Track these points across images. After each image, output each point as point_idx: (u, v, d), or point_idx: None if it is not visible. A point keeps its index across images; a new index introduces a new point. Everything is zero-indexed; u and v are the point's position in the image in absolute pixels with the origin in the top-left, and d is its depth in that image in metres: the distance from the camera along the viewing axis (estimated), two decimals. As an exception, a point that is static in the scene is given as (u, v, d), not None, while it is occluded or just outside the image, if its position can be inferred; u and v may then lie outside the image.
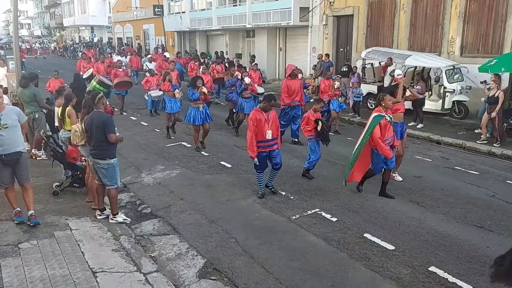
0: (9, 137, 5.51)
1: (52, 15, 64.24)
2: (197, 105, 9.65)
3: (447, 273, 4.92)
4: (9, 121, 5.52)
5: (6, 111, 5.58)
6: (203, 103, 9.71)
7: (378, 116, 6.76)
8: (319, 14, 18.76)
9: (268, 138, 6.77)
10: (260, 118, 6.69)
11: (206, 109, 9.84)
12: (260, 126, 6.67)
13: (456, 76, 12.82)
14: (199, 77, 10.08)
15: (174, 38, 32.13)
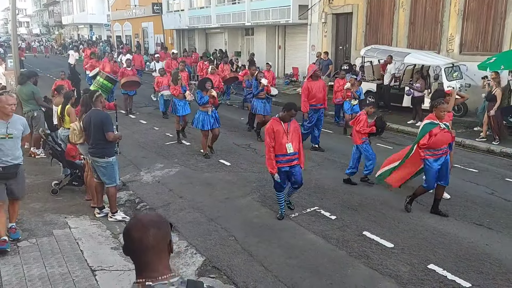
0: (11, 148, 5.09)
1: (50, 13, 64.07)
2: (206, 109, 9.02)
3: (446, 271, 4.93)
4: (15, 131, 5.14)
5: (13, 119, 5.17)
6: (212, 106, 9.14)
7: (429, 124, 6.06)
8: (318, 12, 18.73)
9: (289, 152, 5.94)
10: (278, 130, 5.90)
11: (215, 113, 9.27)
12: (278, 138, 5.89)
13: (455, 73, 12.81)
14: (208, 79, 9.47)
15: (173, 36, 32.06)
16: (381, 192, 7.37)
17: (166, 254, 1.79)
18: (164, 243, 1.77)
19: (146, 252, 1.73)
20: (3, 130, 5.01)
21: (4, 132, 5.00)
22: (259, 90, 10.59)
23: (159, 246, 1.74)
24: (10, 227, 5.41)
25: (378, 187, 7.57)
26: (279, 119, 5.97)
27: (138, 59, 21.39)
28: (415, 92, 11.89)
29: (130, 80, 13.75)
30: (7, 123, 5.05)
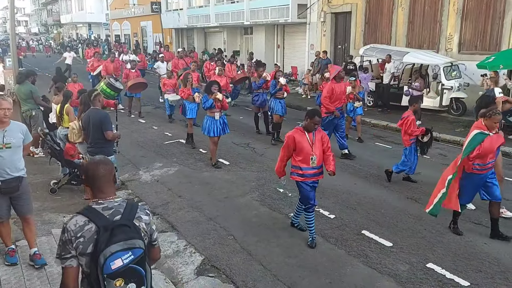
0: (9, 160, 4.49)
1: (49, 12, 63.98)
2: (213, 114, 8.42)
3: (444, 270, 4.93)
4: (14, 139, 4.51)
5: (11, 127, 4.53)
6: (220, 111, 8.48)
7: (480, 134, 5.40)
8: (317, 11, 18.73)
9: (312, 166, 5.34)
10: (301, 140, 5.30)
11: (224, 118, 8.62)
12: (300, 149, 5.31)
13: (454, 73, 12.84)
14: (215, 81, 8.73)
15: (172, 35, 32.04)
16: (380, 191, 7.38)
17: (112, 183, 2.56)
18: (110, 175, 2.54)
19: (99, 180, 2.50)
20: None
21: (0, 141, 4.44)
22: (277, 89, 10.21)
23: (106, 176, 2.51)
24: (34, 253, 4.80)
25: (377, 187, 7.59)
26: (302, 129, 5.35)
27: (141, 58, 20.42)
28: (414, 91, 11.90)
29: (137, 82, 13.23)
30: (3, 131, 4.44)
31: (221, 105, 8.45)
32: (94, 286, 2.35)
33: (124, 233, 2.35)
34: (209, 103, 8.30)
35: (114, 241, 2.31)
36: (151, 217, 2.65)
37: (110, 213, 2.41)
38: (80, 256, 2.35)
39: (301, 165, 5.35)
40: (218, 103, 8.33)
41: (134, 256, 2.36)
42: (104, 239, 2.30)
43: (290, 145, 5.33)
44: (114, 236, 2.32)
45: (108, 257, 2.29)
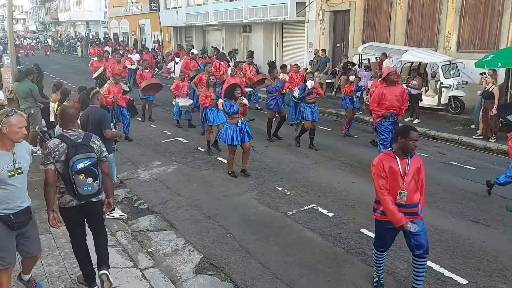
0: (21, 188, 3.79)
1: (47, 10, 63.79)
2: (235, 120, 7.70)
3: (443, 268, 4.95)
4: (23, 162, 3.82)
5: (19, 148, 3.78)
6: (241, 117, 7.80)
7: None
8: (316, 9, 18.72)
9: (400, 202, 4.16)
10: (392, 168, 4.15)
11: (245, 124, 7.90)
12: (391, 180, 4.15)
13: (452, 71, 12.85)
14: (237, 85, 8.05)
15: (170, 33, 32.00)
16: (379, 189, 7.38)
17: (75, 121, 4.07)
18: (76, 117, 4.17)
19: (69, 120, 4.07)
20: (10, 164, 3.66)
21: (11, 167, 3.66)
22: (305, 93, 9.49)
23: (74, 118, 4.12)
24: (28, 280, 4.29)
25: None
26: (393, 154, 4.21)
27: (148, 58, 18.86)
28: (412, 90, 11.90)
29: (151, 83, 12.31)
30: (12, 153, 3.70)
31: (243, 111, 7.78)
32: (66, 180, 3.95)
33: (84, 149, 3.95)
34: (236, 109, 7.58)
35: (78, 153, 3.90)
36: (100, 144, 4.18)
37: (75, 138, 3.99)
38: (56, 162, 3.89)
39: None
40: (242, 108, 7.69)
41: (91, 162, 3.97)
42: (72, 152, 3.88)
43: (382, 174, 4.16)
44: (78, 150, 3.91)
45: (75, 161, 3.86)
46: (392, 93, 7.74)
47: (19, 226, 3.81)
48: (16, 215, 3.75)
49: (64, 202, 4.06)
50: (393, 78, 7.79)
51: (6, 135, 3.59)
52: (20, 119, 3.65)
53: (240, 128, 7.75)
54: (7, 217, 3.69)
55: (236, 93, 7.63)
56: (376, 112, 7.93)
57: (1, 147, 3.62)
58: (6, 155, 3.63)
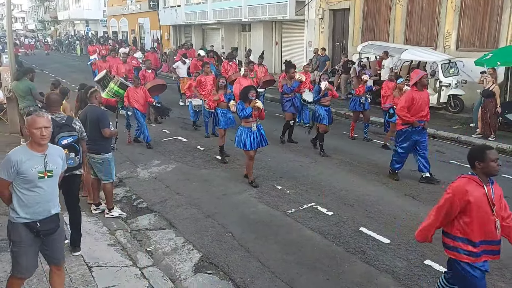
0: (49, 192, 3.64)
1: (46, 9, 63.68)
2: (249, 124, 7.34)
3: (442, 266, 4.94)
4: (55, 166, 3.65)
5: (51, 151, 3.67)
6: (256, 121, 7.40)
7: None
8: (315, 7, 18.71)
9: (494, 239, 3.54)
10: (478, 198, 3.47)
11: (261, 128, 7.51)
12: (475, 211, 3.45)
13: (451, 70, 12.85)
14: (253, 87, 7.66)
15: (169, 32, 31.97)
16: (378, 188, 7.39)
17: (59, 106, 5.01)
18: (59, 103, 5.05)
19: (53, 104, 4.90)
20: (40, 165, 3.54)
21: (41, 168, 3.54)
22: (320, 96, 9.05)
23: (56, 103, 4.94)
24: None
25: (375, 184, 7.60)
26: (478, 179, 3.53)
27: (153, 58, 18.45)
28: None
29: (156, 85, 11.83)
30: (44, 155, 3.57)
31: (258, 114, 7.36)
32: None
33: (67, 128, 4.76)
34: (248, 112, 7.20)
35: (62, 131, 4.70)
36: (81, 125, 5.01)
37: (59, 119, 4.75)
38: None
39: (474, 236, 3.49)
40: (256, 111, 7.28)
41: (73, 139, 4.76)
42: (57, 130, 4.54)
43: (456, 205, 3.48)
44: (62, 129, 4.70)
45: (60, 138, 4.63)
46: (421, 98, 7.31)
47: (45, 234, 3.65)
48: (43, 222, 3.60)
49: None
50: (425, 82, 7.36)
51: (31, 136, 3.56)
52: (37, 119, 3.49)
53: (255, 132, 7.36)
54: (33, 224, 3.56)
55: (250, 96, 7.22)
56: (407, 118, 7.29)
57: (32, 148, 3.55)
58: (37, 156, 3.53)
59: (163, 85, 12.28)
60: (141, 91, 9.86)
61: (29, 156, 3.51)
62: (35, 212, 3.56)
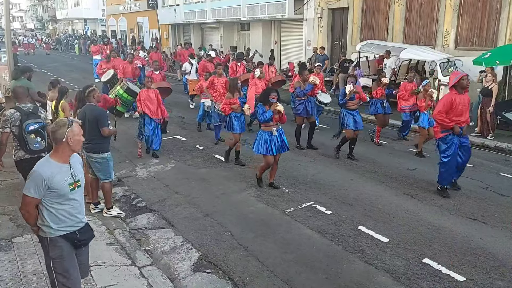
0: (81, 202, 3.53)
1: (45, 8, 63.54)
2: (269, 128, 6.96)
3: (440, 265, 4.96)
4: (80, 175, 3.50)
5: (73, 160, 3.47)
6: (277, 125, 7.04)
7: None
8: (314, 6, 18.70)
9: None
10: None
11: (282, 133, 7.13)
12: None
13: (450, 69, 12.83)
14: (273, 89, 7.28)
15: (168, 31, 31.94)
16: (377, 187, 7.40)
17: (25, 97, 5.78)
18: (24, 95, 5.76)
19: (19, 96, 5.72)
20: (69, 177, 3.36)
21: (71, 180, 3.36)
22: (346, 99, 8.57)
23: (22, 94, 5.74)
24: None
25: (373, 182, 7.60)
26: None
27: (157, 58, 17.53)
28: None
29: (161, 87, 10.94)
30: (70, 165, 3.39)
31: (280, 118, 7.01)
32: (21, 140, 5.44)
33: (33, 116, 5.47)
34: (268, 116, 6.85)
35: (29, 119, 5.41)
36: (46, 114, 5.79)
37: (26, 108, 5.48)
38: (12, 127, 5.37)
39: None
40: (277, 115, 6.92)
41: (39, 125, 5.48)
42: (24, 118, 5.38)
43: None
44: (29, 117, 5.42)
45: (27, 124, 5.37)
46: (461, 102, 6.71)
47: (84, 243, 3.57)
48: (80, 232, 3.47)
49: (19, 156, 5.53)
50: (465, 83, 6.74)
51: (70, 146, 3.32)
52: (78, 127, 3.39)
53: (276, 137, 7.00)
54: (72, 234, 3.41)
55: (271, 98, 6.86)
56: (445, 123, 6.69)
57: (59, 159, 3.32)
58: (65, 167, 3.33)
59: (169, 88, 11.50)
60: (153, 95, 8.83)
61: (58, 169, 3.28)
62: (70, 226, 3.41)
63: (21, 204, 3.27)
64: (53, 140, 3.31)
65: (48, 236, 3.34)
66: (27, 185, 3.23)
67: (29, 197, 3.20)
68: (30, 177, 3.23)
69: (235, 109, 8.32)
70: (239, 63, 13.96)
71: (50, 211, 3.30)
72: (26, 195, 3.21)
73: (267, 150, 6.99)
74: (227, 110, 8.37)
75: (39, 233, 3.40)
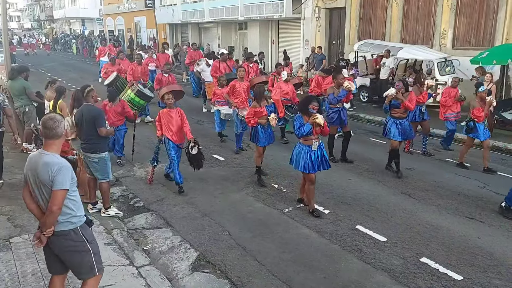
0: None
1: (42, 8, 63.40)
2: (309, 142, 6.04)
3: (438, 264, 4.97)
4: None
5: None
6: (318, 138, 6.14)
7: None
8: (312, 6, 18.71)
9: None
10: None
11: (322, 148, 6.23)
12: None
13: (447, 68, 12.88)
14: (314, 97, 6.30)
15: (166, 31, 31.90)
16: (374, 186, 7.41)
17: None
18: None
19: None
20: None
21: None
22: (386, 104, 7.86)
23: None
24: None
25: (371, 182, 7.61)
26: None
27: (165, 59, 16.09)
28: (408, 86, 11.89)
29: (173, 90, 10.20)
30: None
31: (321, 130, 6.02)
32: None
33: None
34: (306, 130, 5.91)
35: None
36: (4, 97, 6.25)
37: None
38: None
39: None
40: (317, 127, 5.96)
41: None
42: None
43: None
44: None
45: None
46: None
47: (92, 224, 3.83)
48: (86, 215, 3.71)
49: None
50: None
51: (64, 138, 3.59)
52: None
53: (316, 152, 6.09)
54: (86, 217, 3.65)
55: (311, 108, 5.88)
56: None
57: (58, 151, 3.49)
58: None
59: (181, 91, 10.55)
60: (176, 115, 7.27)
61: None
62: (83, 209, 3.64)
63: (56, 201, 3.28)
64: (53, 136, 3.36)
65: (78, 224, 3.51)
66: (60, 180, 3.27)
67: (65, 190, 3.33)
68: (60, 172, 3.28)
69: (262, 123, 7.31)
70: (251, 64, 12.62)
71: (73, 199, 3.47)
72: (63, 189, 3.30)
73: (307, 167, 6.08)
74: (253, 123, 7.36)
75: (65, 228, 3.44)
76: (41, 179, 3.29)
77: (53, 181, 3.25)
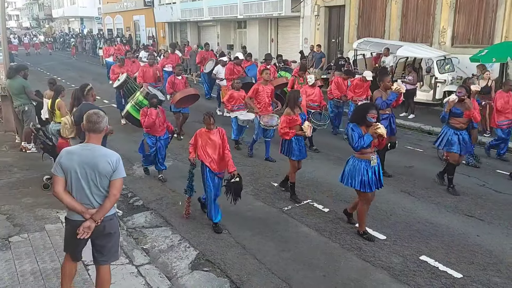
0: None
1: (41, 6, 63.32)
2: (366, 156, 5.31)
3: (437, 262, 4.98)
4: None
5: None
6: (374, 152, 5.42)
7: None
8: (311, 4, 18.69)
9: None
10: None
11: (379, 162, 5.50)
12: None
13: (447, 66, 12.88)
14: (371, 104, 5.68)
15: (165, 29, 31.86)
16: (374, 184, 7.40)
17: None
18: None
19: None
20: None
21: None
22: (445, 112, 6.96)
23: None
24: None
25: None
26: None
27: (175, 59, 15.40)
28: (407, 85, 11.91)
29: (187, 95, 9.85)
30: None
31: (378, 143, 5.36)
32: None
33: None
34: (367, 142, 5.19)
35: None
36: None
37: None
38: None
39: None
40: (377, 139, 5.29)
41: None
42: None
43: None
44: None
45: None
46: None
47: None
48: None
49: None
50: None
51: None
52: None
53: (374, 167, 5.35)
54: None
55: (370, 117, 5.15)
56: None
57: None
58: None
59: (196, 95, 10.25)
60: (217, 137, 5.90)
61: None
62: None
63: (120, 188, 3.62)
64: (96, 129, 3.57)
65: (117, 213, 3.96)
66: (121, 168, 3.60)
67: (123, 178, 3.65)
68: (120, 161, 3.59)
69: (301, 134, 6.54)
70: (268, 65, 11.62)
71: None
72: (123, 177, 3.63)
73: (364, 185, 5.30)
74: (291, 136, 6.46)
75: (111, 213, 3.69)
76: (100, 170, 3.46)
77: (116, 170, 3.52)
